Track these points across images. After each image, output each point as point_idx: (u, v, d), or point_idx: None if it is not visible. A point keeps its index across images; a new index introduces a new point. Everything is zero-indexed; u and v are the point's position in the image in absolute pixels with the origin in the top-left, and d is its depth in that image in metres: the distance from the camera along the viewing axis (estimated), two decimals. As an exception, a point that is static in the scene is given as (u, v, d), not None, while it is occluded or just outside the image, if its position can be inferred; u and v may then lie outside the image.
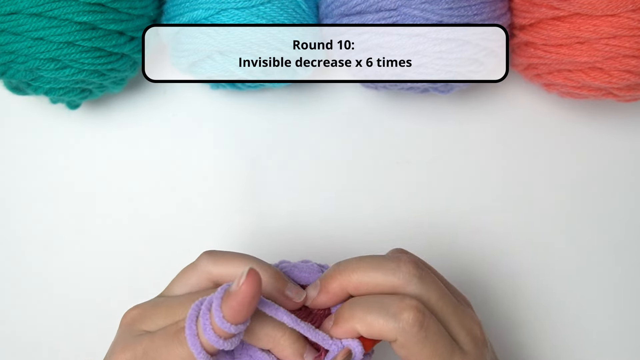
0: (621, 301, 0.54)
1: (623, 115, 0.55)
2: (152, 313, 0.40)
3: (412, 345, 0.37)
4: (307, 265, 0.42)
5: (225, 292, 0.36)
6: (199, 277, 0.41)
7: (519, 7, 0.48)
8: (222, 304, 0.35)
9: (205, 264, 0.41)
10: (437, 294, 0.39)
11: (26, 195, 0.55)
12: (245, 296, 0.35)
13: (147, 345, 0.38)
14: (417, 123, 0.55)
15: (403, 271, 0.39)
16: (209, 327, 0.35)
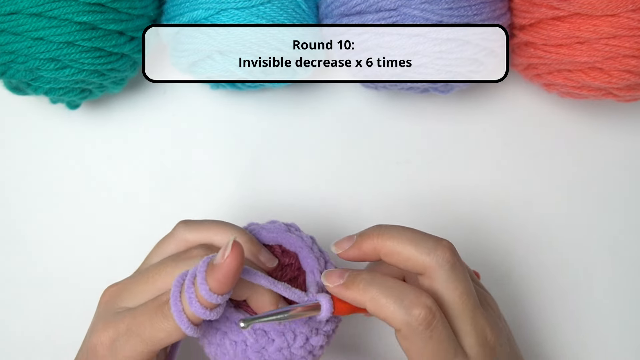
0: (620, 300, 0.54)
1: (623, 115, 0.55)
2: (130, 287, 0.41)
3: (415, 341, 0.37)
4: (274, 225, 0.44)
5: (208, 264, 0.36)
6: (177, 245, 0.42)
7: (519, 7, 0.48)
8: (207, 276, 0.36)
9: (182, 232, 0.42)
10: (462, 288, 0.39)
11: (26, 195, 0.55)
12: (230, 268, 0.36)
13: (129, 322, 0.39)
14: (417, 123, 0.55)
15: (438, 255, 0.39)
16: (195, 300, 0.36)
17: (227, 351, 0.40)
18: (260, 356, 0.40)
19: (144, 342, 0.38)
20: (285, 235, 0.43)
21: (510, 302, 0.54)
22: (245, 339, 0.40)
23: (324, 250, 0.44)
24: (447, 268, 0.39)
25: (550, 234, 0.54)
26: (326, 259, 0.43)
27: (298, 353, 0.40)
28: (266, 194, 0.54)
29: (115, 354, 0.39)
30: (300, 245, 0.43)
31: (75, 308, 0.54)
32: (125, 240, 0.54)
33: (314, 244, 0.44)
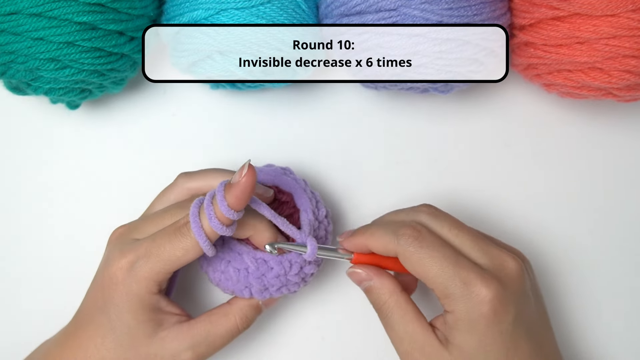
0: (621, 300, 0.54)
1: (623, 115, 0.55)
2: (141, 225, 0.46)
3: (410, 256, 0.42)
4: (271, 169, 0.49)
5: (225, 186, 0.41)
6: (179, 193, 0.47)
7: (518, 7, 0.48)
8: (226, 194, 0.41)
9: (183, 181, 0.48)
10: (450, 224, 0.44)
11: (26, 194, 0.55)
12: (247, 185, 0.41)
13: (148, 245, 0.43)
14: (417, 123, 0.55)
15: (418, 210, 0.46)
16: (214, 216, 0.41)
17: (230, 277, 0.46)
18: (260, 282, 0.45)
19: (162, 262, 0.43)
20: (281, 178, 0.48)
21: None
22: (247, 266, 0.45)
23: (315, 192, 0.49)
24: (425, 216, 0.45)
25: (550, 233, 0.54)
26: (317, 199, 0.49)
27: (293, 279, 0.46)
28: (266, 194, 0.54)
29: (134, 275, 0.43)
30: (295, 186, 0.48)
31: (75, 307, 0.54)
32: (125, 240, 0.54)
33: (307, 185, 0.49)
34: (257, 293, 0.46)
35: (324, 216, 0.48)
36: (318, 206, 0.48)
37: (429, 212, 0.45)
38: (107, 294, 0.44)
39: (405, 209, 0.47)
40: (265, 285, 0.46)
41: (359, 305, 0.52)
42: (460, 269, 0.41)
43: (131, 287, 0.43)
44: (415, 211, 0.46)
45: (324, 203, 0.49)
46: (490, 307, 0.40)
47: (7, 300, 0.54)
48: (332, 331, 0.54)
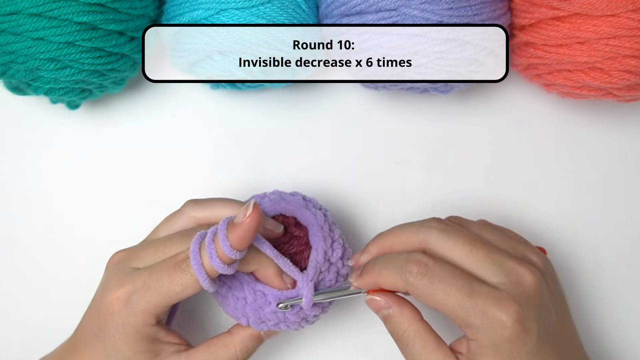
0: (621, 300, 0.54)
1: (623, 115, 0.55)
2: (141, 252, 0.44)
3: (422, 292, 0.41)
4: (294, 198, 0.48)
5: (228, 224, 0.41)
6: (185, 222, 0.46)
7: (519, 7, 0.48)
8: (229, 234, 0.40)
9: (190, 209, 0.46)
10: (462, 240, 0.42)
11: (26, 194, 0.55)
12: (251, 226, 0.40)
13: (146, 277, 0.42)
14: (417, 123, 0.55)
15: (425, 226, 0.44)
16: (215, 255, 0.40)
17: (229, 303, 0.45)
18: (257, 314, 0.44)
19: (161, 296, 0.42)
20: (301, 210, 0.46)
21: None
22: (245, 296, 0.44)
23: (334, 228, 0.47)
24: (436, 234, 0.43)
25: (551, 233, 0.54)
26: (334, 239, 0.46)
27: (292, 318, 0.45)
28: (266, 194, 0.54)
29: (131, 308, 0.42)
30: (313, 222, 0.46)
31: (75, 307, 0.54)
32: (126, 239, 0.54)
33: (326, 222, 0.46)
34: (254, 324, 0.45)
35: (339, 257, 0.46)
36: (333, 246, 0.46)
37: (439, 227, 0.43)
38: (103, 322, 0.43)
39: (413, 223, 0.45)
40: (262, 318, 0.45)
41: (360, 305, 0.52)
42: (476, 299, 0.40)
43: (128, 319, 0.42)
44: (425, 227, 0.43)
45: (343, 242, 0.47)
46: (513, 331, 0.39)
47: (6, 300, 0.54)
48: (333, 331, 0.54)
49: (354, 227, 0.54)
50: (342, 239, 0.47)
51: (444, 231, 0.43)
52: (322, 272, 0.45)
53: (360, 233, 0.54)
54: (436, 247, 0.43)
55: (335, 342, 0.54)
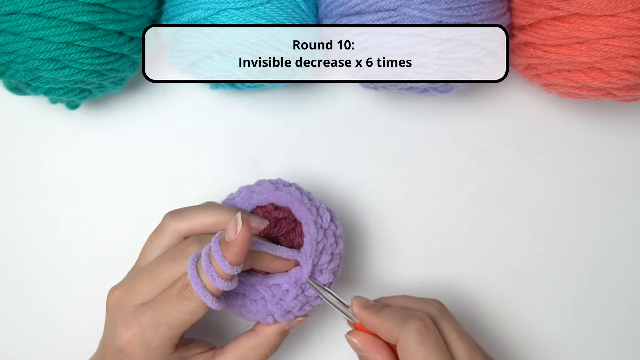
0: (622, 300, 0.54)
1: (623, 115, 0.55)
2: (136, 287, 0.43)
3: (409, 348, 0.41)
4: (262, 187, 0.48)
5: (220, 241, 0.40)
6: (170, 238, 0.45)
7: (518, 7, 0.48)
8: (224, 252, 0.40)
9: (171, 223, 0.45)
10: (451, 327, 0.43)
11: (26, 194, 0.55)
12: (244, 241, 0.40)
13: (152, 314, 0.41)
14: (417, 123, 0.55)
15: (429, 303, 0.45)
16: (216, 276, 0.40)
17: (249, 309, 0.45)
18: (280, 307, 0.45)
19: (172, 328, 0.41)
20: (274, 194, 0.46)
21: (508, 302, 0.54)
22: (263, 296, 0.44)
23: (313, 197, 0.48)
24: (434, 311, 0.44)
25: (550, 233, 0.54)
26: (317, 205, 0.47)
27: (311, 294, 0.45)
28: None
29: (146, 347, 0.42)
30: (290, 199, 0.46)
31: (75, 306, 0.54)
32: (125, 239, 0.54)
33: (302, 194, 0.47)
34: (280, 317, 0.45)
35: (329, 221, 0.47)
36: (320, 213, 0.47)
37: (439, 308, 0.45)
38: None
39: (417, 298, 0.46)
40: (286, 308, 0.45)
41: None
42: None
43: (148, 357, 0.42)
44: (427, 303, 0.45)
45: (326, 205, 0.48)
46: None
47: (6, 299, 0.54)
48: (331, 331, 0.54)
49: (353, 227, 0.54)
50: (323, 204, 0.47)
51: (441, 312, 0.44)
52: (320, 240, 0.45)
53: (360, 233, 0.54)
54: None
55: (335, 342, 0.54)
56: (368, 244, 0.54)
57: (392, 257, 0.54)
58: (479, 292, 0.54)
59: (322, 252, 0.45)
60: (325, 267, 0.45)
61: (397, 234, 0.54)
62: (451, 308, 0.46)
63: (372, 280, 0.54)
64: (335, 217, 0.48)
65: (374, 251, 0.54)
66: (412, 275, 0.54)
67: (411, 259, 0.54)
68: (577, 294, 0.54)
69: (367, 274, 0.54)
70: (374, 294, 0.47)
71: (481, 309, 0.54)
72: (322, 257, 0.45)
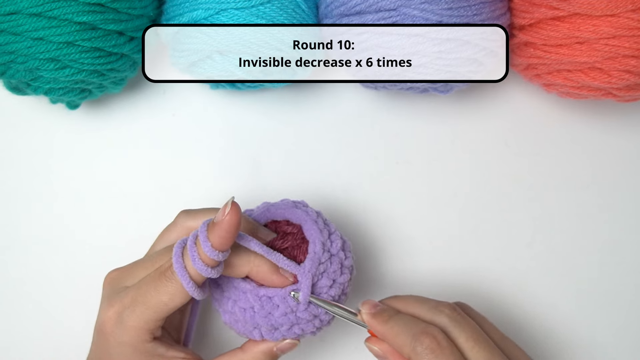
0: (621, 300, 0.54)
1: (623, 115, 0.55)
2: (133, 269, 0.44)
3: None
4: (282, 202, 0.47)
5: (208, 225, 0.39)
6: (179, 233, 0.45)
7: (518, 7, 0.48)
8: (209, 234, 0.39)
9: (183, 220, 0.45)
10: (468, 334, 0.41)
11: (26, 194, 0.55)
12: (231, 224, 0.39)
13: (134, 293, 0.41)
14: (417, 123, 0.55)
15: (441, 309, 0.43)
16: (197, 258, 0.39)
17: (237, 318, 0.44)
18: (267, 321, 0.43)
19: (149, 309, 0.41)
20: (291, 210, 0.46)
21: (511, 299, 0.54)
22: (252, 305, 0.43)
23: (329, 223, 0.46)
24: (446, 320, 0.42)
25: (550, 232, 0.54)
26: (330, 231, 0.45)
27: (303, 317, 0.43)
28: (266, 193, 0.54)
29: (122, 326, 0.41)
30: (305, 218, 0.45)
31: (74, 306, 0.54)
32: (125, 239, 0.54)
33: (319, 217, 0.46)
34: (267, 334, 0.44)
35: (339, 248, 0.44)
36: (331, 238, 0.45)
37: (451, 316, 0.42)
38: (102, 345, 0.42)
39: (429, 300, 0.44)
40: (274, 324, 0.43)
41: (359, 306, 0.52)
42: None
43: (122, 338, 0.41)
44: (439, 309, 0.43)
45: (341, 234, 0.46)
46: None
47: (6, 299, 0.54)
48: (331, 331, 0.54)
49: (353, 227, 0.54)
50: (339, 232, 0.46)
51: (454, 320, 0.42)
52: (323, 262, 0.43)
53: (360, 233, 0.54)
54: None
55: (335, 342, 0.54)
56: (368, 243, 0.54)
57: (391, 257, 0.54)
58: (479, 292, 0.54)
59: (323, 274, 0.43)
60: (324, 291, 0.43)
61: (396, 234, 0.54)
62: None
63: (372, 279, 0.54)
64: (347, 249, 0.46)
65: (373, 251, 0.54)
66: (412, 275, 0.54)
67: (411, 259, 0.54)
68: (577, 294, 0.54)
69: (367, 273, 0.54)
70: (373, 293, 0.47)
71: (481, 309, 0.54)
72: (322, 279, 0.43)
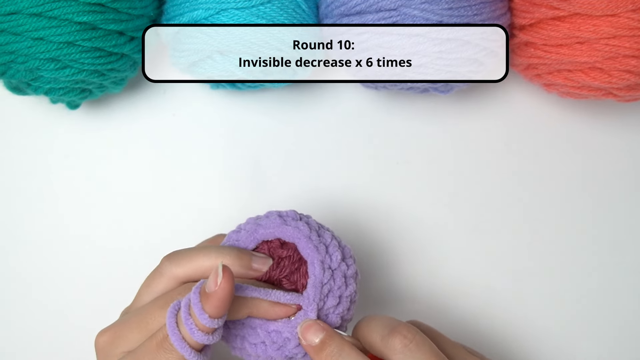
0: (622, 300, 0.54)
1: (623, 115, 0.55)
2: (124, 331, 0.41)
3: None
4: (269, 220, 0.44)
5: (200, 292, 0.37)
6: (167, 283, 0.42)
7: (519, 7, 0.48)
8: (204, 304, 0.37)
9: (169, 268, 0.42)
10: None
11: (26, 195, 0.55)
12: (224, 293, 0.37)
13: None
14: (417, 123, 0.55)
15: (391, 340, 0.40)
16: (196, 329, 0.37)
17: (249, 353, 0.42)
18: (281, 353, 0.41)
19: None
20: (281, 229, 0.43)
21: (510, 301, 0.54)
22: (263, 340, 0.41)
23: (323, 233, 0.43)
24: (400, 349, 0.39)
25: (550, 233, 0.54)
26: (326, 243, 0.43)
27: None
28: (266, 194, 0.54)
29: None
30: (297, 235, 0.42)
31: (74, 307, 0.54)
32: (125, 239, 0.54)
33: (312, 230, 0.43)
34: None
35: (339, 260, 0.42)
36: (329, 251, 0.42)
37: (403, 351, 0.39)
38: None
39: (382, 326, 0.41)
40: (288, 355, 0.41)
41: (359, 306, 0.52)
42: None
43: None
44: (391, 340, 0.40)
45: (338, 241, 0.44)
46: None
47: (6, 299, 0.54)
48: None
49: (353, 227, 0.54)
50: (336, 240, 0.44)
51: (406, 348, 0.39)
52: (326, 282, 0.41)
53: (359, 233, 0.54)
54: None
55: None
56: (367, 243, 0.54)
57: (391, 257, 0.54)
58: (478, 291, 0.54)
59: (328, 295, 0.41)
60: (331, 311, 0.41)
61: (396, 234, 0.54)
62: (449, 308, 0.46)
63: (372, 278, 0.54)
64: (348, 256, 0.44)
65: (373, 251, 0.54)
66: (412, 275, 0.54)
67: (410, 259, 0.54)
68: (577, 294, 0.54)
69: (367, 273, 0.54)
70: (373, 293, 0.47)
71: (480, 309, 0.54)
72: (328, 300, 0.41)
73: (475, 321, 0.54)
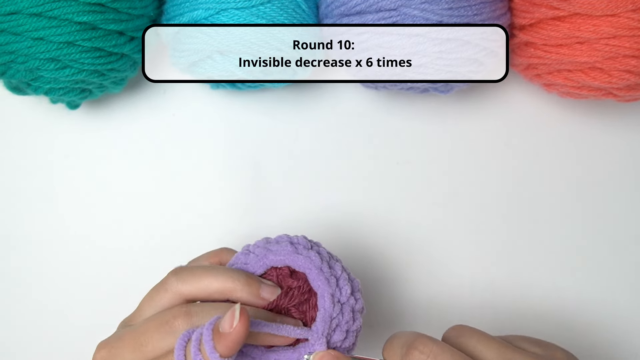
0: (621, 300, 0.54)
1: (623, 115, 0.55)
2: (120, 350, 0.40)
3: None
4: (280, 246, 0.43)
5: (213, 330, 0.36)
6: (171, 299, 0.41)
7: (519, 7, 0.48)
8: (216, 342, 0.36)
9: (175, 285, 0.41)
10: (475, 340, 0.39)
11: (26, 195, 0.55)
12: (239, 336, 0.36)
13: None
14: (417, 123, 0.55)
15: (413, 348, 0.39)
16: None
17: None
18: None
19: None
20: (292, 257, 0.42)
21: (510, 301, 0.54)
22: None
23: (334, 265, 0.43)
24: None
25: (550, 233, 0.54)
26: (337, 276, 0.42)
27: None
28: (266, 194, 0.54)
29: None
30: (309, 266, 0.42)
31: (74, 307, 0.54)
32: (125, 239, 0.54)
33: (323, 261, 0.42)
34: None
35: (349, 294, 0.41)
36: (339, 285, 0.41)
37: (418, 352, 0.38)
38: None
39: (400, 345, 0.40)
40: None
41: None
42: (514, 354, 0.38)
43: None
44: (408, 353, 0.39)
45: (348, 274, 0.43)
46: None
47: (6, 299, 0.54)
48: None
49: (353, 227, 0.54)
50: (346, 272, 0.43)
51: None
52: (335, 317, 0.40)
53: (359, 233, 0.54)
54: None
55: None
56: (367, 244, 0.54)
57: (390, 257, 0.54)
58: (478, 291, 0.54)
59: (336, 329, 0.40)
60: (338, 345, 0.41)
61: (396, 234, 0.54)
62: (449, 308, 0.46)
63: (371, 278, 0.54)
64: (357, 289, 0.43)
65: (372, 251, 0.54)
66: (411, 275, 0.54)
67: (410, 259, 0.54)
68: (577, 294, 0.54)
69: (367, 273, 0.54)
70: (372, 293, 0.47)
71: (480, 309, 0.54)
72: (336, 334, 0.40)
73: (476, 321, 0.54)
